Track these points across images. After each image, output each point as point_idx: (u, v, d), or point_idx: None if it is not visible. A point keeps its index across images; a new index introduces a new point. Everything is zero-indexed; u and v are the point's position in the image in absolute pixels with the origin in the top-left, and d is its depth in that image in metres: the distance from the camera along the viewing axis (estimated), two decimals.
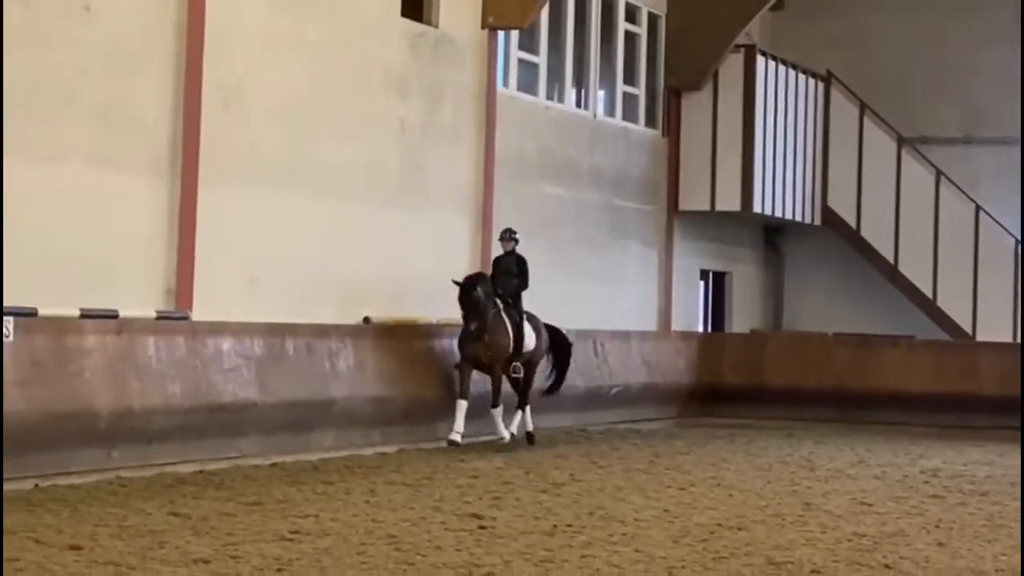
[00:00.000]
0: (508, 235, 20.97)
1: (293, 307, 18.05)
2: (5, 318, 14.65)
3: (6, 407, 14.24)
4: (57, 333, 15.28)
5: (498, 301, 20.35)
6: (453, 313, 21.45)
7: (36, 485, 14.14)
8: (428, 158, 22.92)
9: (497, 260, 21.17)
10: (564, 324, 22.36)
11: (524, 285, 20.87)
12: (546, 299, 24.82)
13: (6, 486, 13.93)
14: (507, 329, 20.26)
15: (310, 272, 19.84)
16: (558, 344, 21.77)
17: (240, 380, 17.20)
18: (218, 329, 17.30)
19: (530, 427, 20.89)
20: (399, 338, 20.43)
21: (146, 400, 15.87)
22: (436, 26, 23.27)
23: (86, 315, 15.89)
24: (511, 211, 24.58)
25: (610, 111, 28.46)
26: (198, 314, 17.81)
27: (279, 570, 10.31)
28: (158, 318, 16.90)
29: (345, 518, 12.96)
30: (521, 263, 20.91)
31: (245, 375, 17.28)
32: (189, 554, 10.83)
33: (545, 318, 21.35)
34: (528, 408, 20.87)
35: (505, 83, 25.06)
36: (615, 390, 25.04)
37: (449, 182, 23.43)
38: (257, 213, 19.23)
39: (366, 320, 20.67)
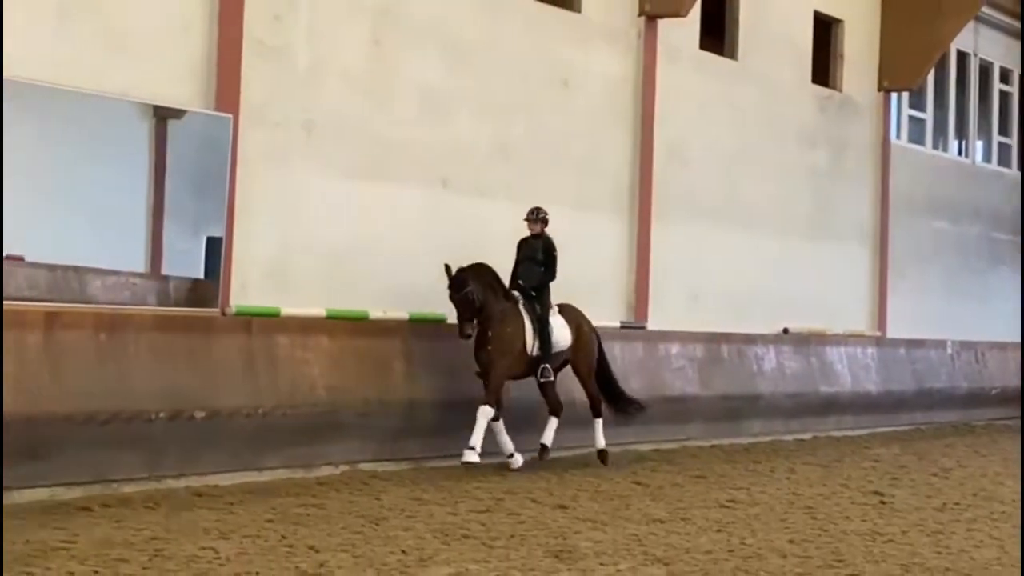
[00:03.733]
0: (534, 215, 14.67)
1: (726, 319, 18.17)
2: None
3: (506, 397, 14.31)
4: None
5: (517, 294, 14.30)
6: (856, 325, 21.34)
7: (531, 456, 14.40)
8: (834, 198, 22.76)
9: (521, 244, 14.76)
10: (951, 336, 21.88)
11: (551, 275, 14.50)
12: (937, 316, 24.45)
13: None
14: (523, 326, 14.07)
15: (739, 290, 19.89)
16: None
17: (686, 377, 17.23)
18: (668, 337, 17.43)
19: (601, 444, 14.78)
20: (810, 345, 20.37)
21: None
22: (840, 90, 23.11)
23: None
24: (903, 242, 24.25)
25: (987, 158, 27.68)
26: (652, 324, 18.01)
27: (719, 531, 10.43)
28: (622, 327, 17.16)
29: (771, 491, 13.00)
30: (548, 248, 14.56)
31: (689, 374, 17.30)
32: (648, 515, 11.07)
33: (937, 331, 20.50)
34: (600, 422, 14.84)
35: (897, 136, 24.67)
36: (994, 391, 24.36)
37: (851, 218, 23.20)
38: (697, 243, 19.43)
39: (785, 331, 20.64)
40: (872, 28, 23.78)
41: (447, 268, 13.69)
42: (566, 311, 14.68)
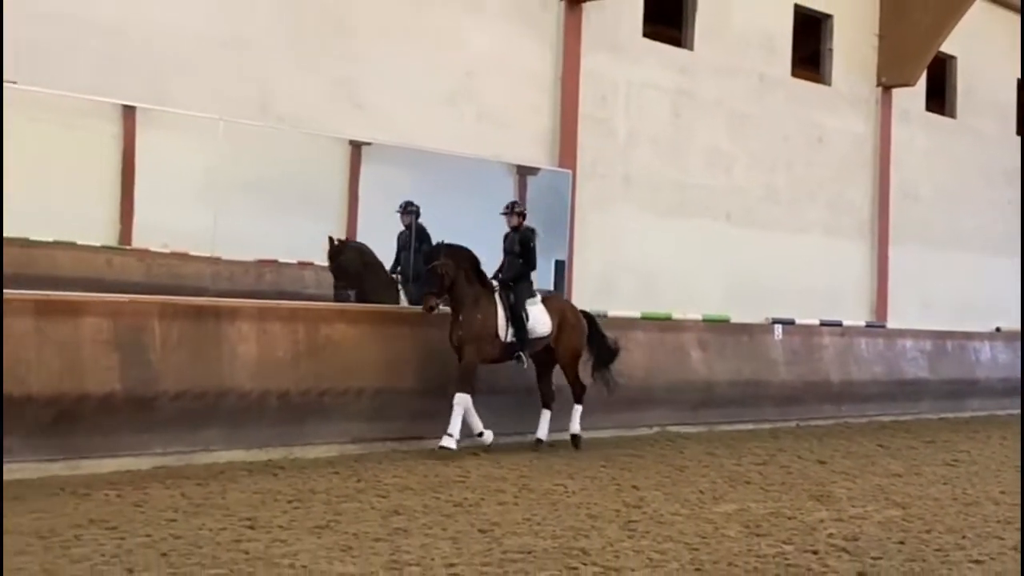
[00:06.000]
0: (510, 208, 11.30)
1: (950, 320, 17.55)
2: (776, 325, 15.11)
3: (778, 379, 14.31)
4: (806, 335, 15.30)
5: (495, 283, 10.98)
6: None
7: (796, 424, 14.37)
8: None
9: (504, 239, 11.40)
10: None
11: (529, 266, 11.11)
12: None
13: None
14: (495, 312, 10.77)
15: (960, 298, 19.29)
16: (592, 334, 11.61)
17: (918, 366, 16.63)
18: (903, 334, 16.86)
19: (576, 429, 11.47)
20: (1018, 340, 19.40)
21: (861, 376, 15.65)
22: None
23: (823, 324, 15.86)
24: None
25: None
26: (891, 324, 17.56)
27: (945, 483, 10.07)
28: (866, 326, 16.69)
29: (987, 453, 12.49)
30: (524, 240, 11.17)
31: (921, 363, 16.69)
32: (889, 470, 10.73)
33: None
34: (579, 408, 11.50)
35: None
36: None
37: None
38: (925, 262, 18.99)
39: (997, 329, 19.78)
40: None
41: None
42: (550, 301, 11.46)
